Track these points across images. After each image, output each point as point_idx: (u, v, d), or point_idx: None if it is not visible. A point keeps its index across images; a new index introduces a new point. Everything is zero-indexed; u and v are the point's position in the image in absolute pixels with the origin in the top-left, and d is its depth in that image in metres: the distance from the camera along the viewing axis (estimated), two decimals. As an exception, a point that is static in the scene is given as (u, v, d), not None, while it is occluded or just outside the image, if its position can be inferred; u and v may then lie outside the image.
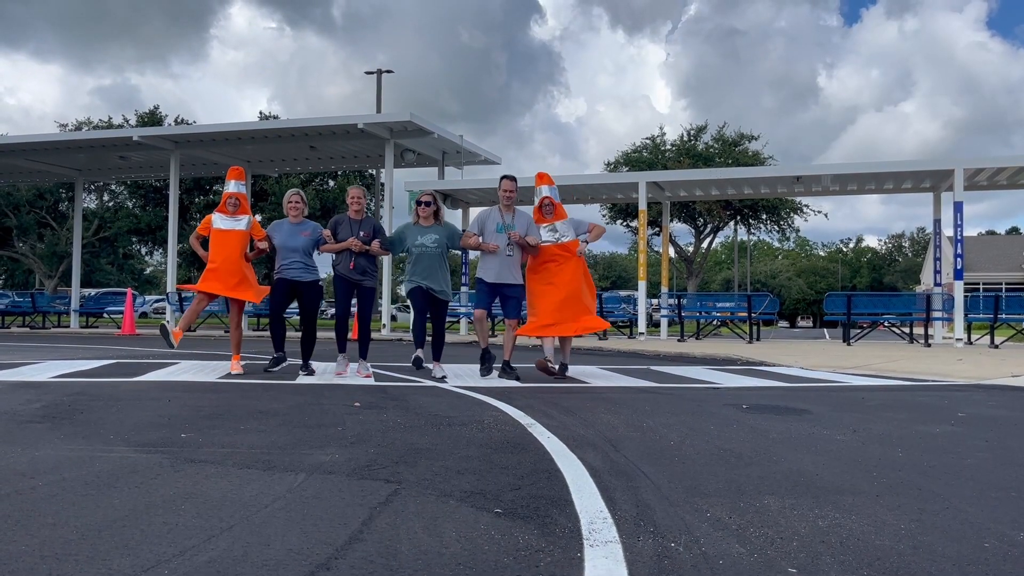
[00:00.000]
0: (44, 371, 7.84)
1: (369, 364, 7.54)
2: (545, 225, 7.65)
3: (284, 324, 7.93)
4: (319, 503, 2.72)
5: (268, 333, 8.05)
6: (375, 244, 7.50)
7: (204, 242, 7.86)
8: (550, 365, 7.44)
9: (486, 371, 7.63)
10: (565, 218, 7.75)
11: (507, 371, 7.44)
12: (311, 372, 7.48)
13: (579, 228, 7.70)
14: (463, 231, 7.81)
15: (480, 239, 7.53)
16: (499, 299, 7.60)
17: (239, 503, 2.70)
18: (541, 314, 7.57)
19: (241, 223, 7.74)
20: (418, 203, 7.61)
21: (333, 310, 7.91)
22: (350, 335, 7.95)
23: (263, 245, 7.73)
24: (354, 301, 7.72)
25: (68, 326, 23.39)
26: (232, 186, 7.91)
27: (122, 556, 2.13)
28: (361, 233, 7.49)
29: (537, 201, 7.72)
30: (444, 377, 7.32)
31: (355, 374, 7.48)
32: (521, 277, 7.61)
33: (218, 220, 7.74)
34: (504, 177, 7.75)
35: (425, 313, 7.58)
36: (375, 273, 7.73)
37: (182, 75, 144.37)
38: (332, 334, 8.00)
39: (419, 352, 7.63)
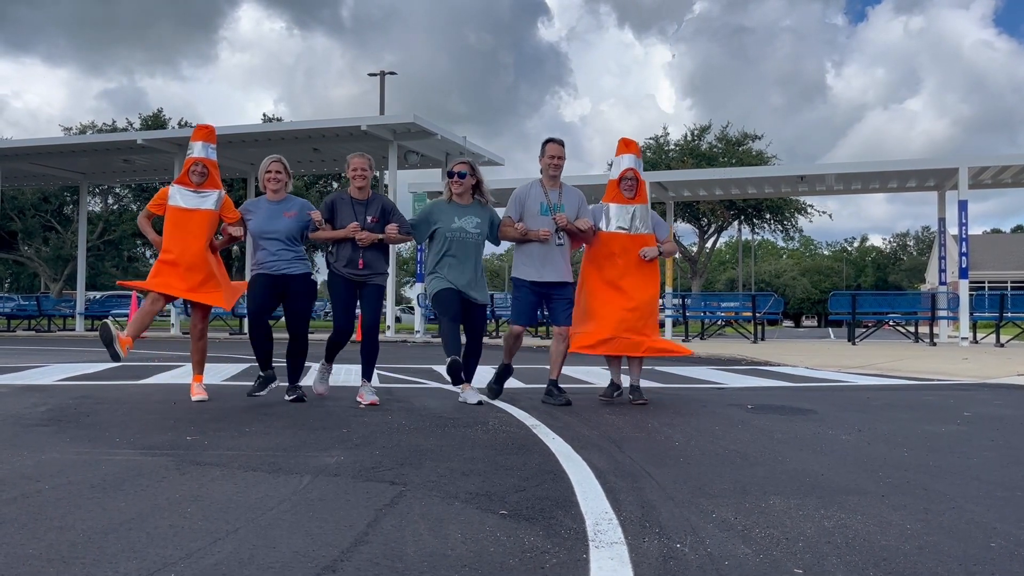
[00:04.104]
0: (50, 374, 7.86)
1: (374, 388, 5.75)
2: (621, 206, 5.83)
3: (270, 332, 5.78)
4: (324, 505, 2.72)
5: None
6: (391, 228, 5.59)
7: (158, 224, 5.88)
8: (614, 394, 5.94)
9: (493, 393, 5.90)
10: (646, 203, 5.94)
11: (553, 393, 5.74)
12: (300, 397, 5.71)
13: (659, 228, 6.00)
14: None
15: (524, 226, 5.74)
16: (543, 302, 5.95)
17: (245, 505, 2.70)
18: (596, 321, 5.79)
19: (208, 200, 5.76)
20: (450, 174, 5.77)
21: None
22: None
23: (236, 231, 5.78)
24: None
25: (73, 329, 23.46)
26: (199, 150, 5.79)
27: (128, 559, 2.13)
28: (368, 218, 5.61)
29: (616, 173, 5.90)
30: (480, 402, 5.61)
31: (357, 398, 5.66)
32: (572, 273, 5.93)
33: (177, 195, 5.73)
34: (549, 140, 5.90)
35: (460, 321, 5.68)
36: (387, 271, 5.88)
37: (191, 77, 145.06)
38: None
39: (456, 356, 5.47)
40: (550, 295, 5.83)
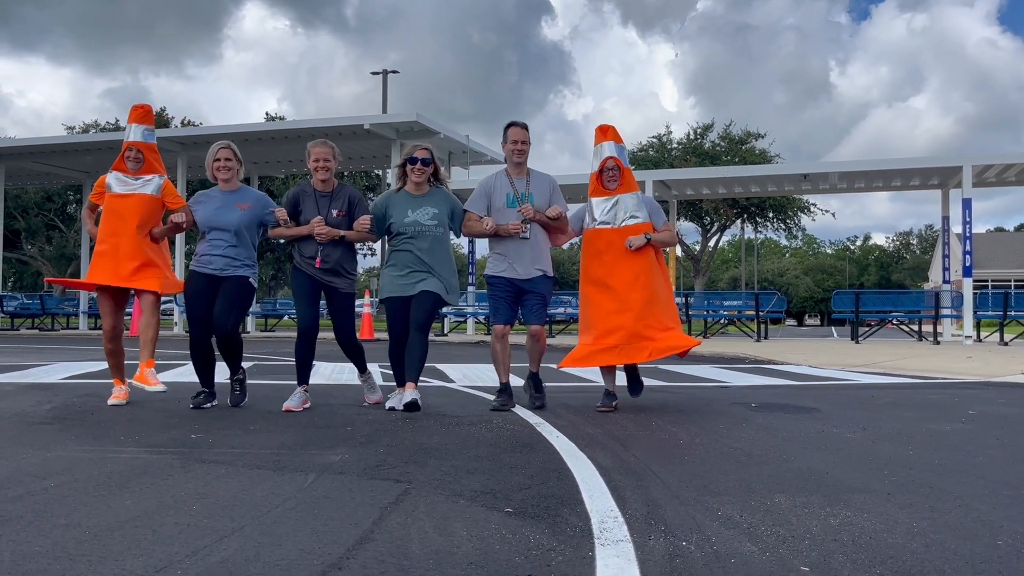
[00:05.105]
0: (54, 373, 7.88)
1: (376, 380, 5.68)
2: (604, 199, 5.32)
3: (211, 347, 5.38)
4: (330, 503, 2.72)
5: (275, 333, 5.75)
6: (361, 222, 5.17)
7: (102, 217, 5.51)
8: (613, 404, 5.28)
9: (500, 404, 5.29)
10: (635, 191, 5.40)
11: (534, 388, 5.52)
12: (242, 392, 5.40)
13: (655, 216, 5.41)
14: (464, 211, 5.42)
15: (493, 222, 5.27)
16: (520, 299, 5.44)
17: (250, 503, 2.71)
18: (592, 331, 5.32)
19: (148, 186, 5.38)
20: (411, 160, 5.19)
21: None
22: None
23: (178, 218, 5.32)
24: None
25: (77, 328, 23.49)
26: (133, 132, 5.40)
27: (134, 556, 2.13)
28: (334, 212, 5.19)
29: (597, 164, 5.36)
30: (409, 406, 4.91)
31: (361, 395, 5.64)
32: (549, 264, 5.46)
33: (114, 182, 5.37)
34: (511, 124, 5.42)
35: (405, 339, 5.21)
36: (354, 272, 5.43)
37: (196, 76, 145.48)
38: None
39: (401, 394, 5.15)
40: (525, 291, 5.35)
